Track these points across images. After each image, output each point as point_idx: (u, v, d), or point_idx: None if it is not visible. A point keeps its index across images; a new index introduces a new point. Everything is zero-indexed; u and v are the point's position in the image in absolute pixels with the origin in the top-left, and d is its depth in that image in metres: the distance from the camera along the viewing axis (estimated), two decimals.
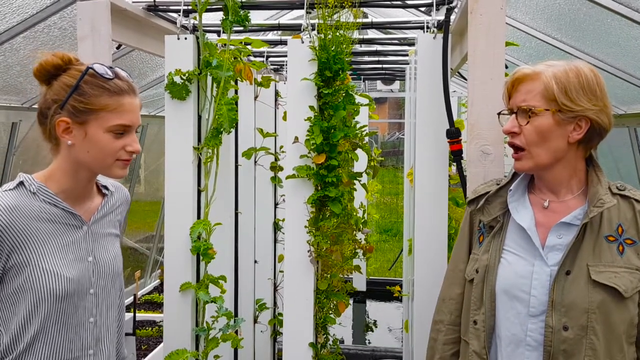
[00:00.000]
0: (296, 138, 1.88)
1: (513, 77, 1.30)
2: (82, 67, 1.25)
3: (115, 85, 1.24)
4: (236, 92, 2.32)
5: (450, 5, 1.86)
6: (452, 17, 1.88)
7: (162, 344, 2.65)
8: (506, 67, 1.59)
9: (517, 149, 1.29)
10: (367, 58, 3.50)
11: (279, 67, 3.41)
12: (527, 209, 1.32)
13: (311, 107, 1.87)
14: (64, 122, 1.22)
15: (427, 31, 1.95)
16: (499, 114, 1.36)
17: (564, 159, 1.26)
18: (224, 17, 1.82)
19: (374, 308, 5.79)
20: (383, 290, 4.19)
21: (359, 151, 2.05)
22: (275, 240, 3.09)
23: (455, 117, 1.81)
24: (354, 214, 2.07)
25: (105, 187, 1.40)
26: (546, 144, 1.25)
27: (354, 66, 3.58)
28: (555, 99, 1.22)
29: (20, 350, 1.21)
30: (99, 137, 1.23)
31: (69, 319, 1.24)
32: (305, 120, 1.87)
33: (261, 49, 2.79)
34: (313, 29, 1.92)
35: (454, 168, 2.09)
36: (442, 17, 1.86)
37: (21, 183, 1.24)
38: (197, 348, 1.89)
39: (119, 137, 1.25)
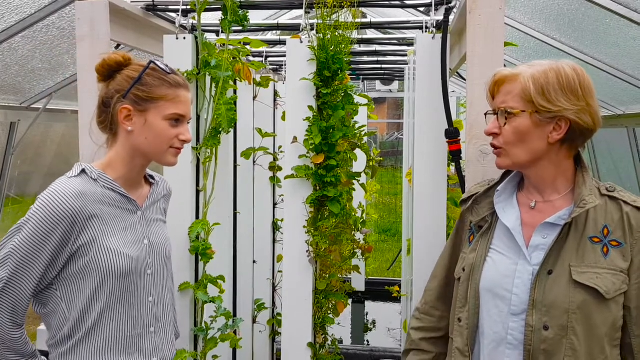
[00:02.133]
0: (295, 138, 1.88)
1: (493, 79, 1.29)
2: (142, 63, 1.38)
3: (173, 78, 1.37)
4: (235, 92, 2.32)
5: (449, 5, 1.86)
6: (451, 17, 1.88)
7: None
8: (505, 67, 1.59)
9: (496, 148, 1.30)
10: (366, 58, 3.50)
11: (278, 67, 3.41)
12: (515, 209, 1.32)
13: (310, 107, 1.87)
14: (126, 109, 1.34)
15: (426, 31, 1.95)
16: (485, 114, 1.35)
17: (546, 159, 1.26)
18: (223, 17, 1.82)
19: (372, 308, 5.79)
20: (382, 290, 4.19)
21: (357, 151, 2.05)
22: (274, 240, 3.09)
23: (454, 117, 1.81)
24: (353, 214, 2.07)
25: (152, 177, 1.51)
26: (524, 144, 1.24)
27: (352, 66, 3.58)
28: (532, 100, 1.21)
29: (88, 327, 1.30)
30: (157, 123, 1.34)
31: (131, 297, 1.35)
32: (304, 120, 1.86)
33: (260, 49, 2.79)
34: (312, 29, 1.92)
35: (452, 168, 2.08)
36: (441, 18, 1.85)
37: (83, 171, 1.33)
38: (195, 348, 1.89)
39: (173, 125, 1.36)
